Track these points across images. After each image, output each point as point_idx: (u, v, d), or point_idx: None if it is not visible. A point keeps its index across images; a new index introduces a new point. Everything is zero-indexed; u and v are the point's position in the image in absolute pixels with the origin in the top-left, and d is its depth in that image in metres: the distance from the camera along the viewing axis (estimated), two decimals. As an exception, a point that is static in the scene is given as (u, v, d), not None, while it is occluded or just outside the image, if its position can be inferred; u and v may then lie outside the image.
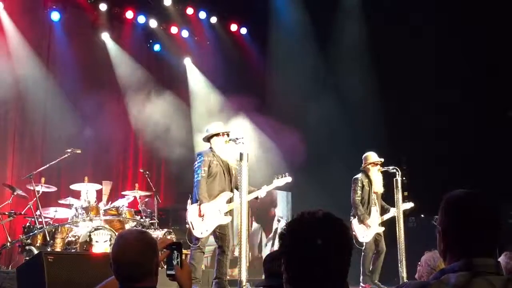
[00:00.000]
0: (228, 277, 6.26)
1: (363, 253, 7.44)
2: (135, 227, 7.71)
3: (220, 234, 6.10)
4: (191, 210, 6.04)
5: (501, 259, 3.42)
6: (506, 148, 9.34)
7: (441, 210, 1.92)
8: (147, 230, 5.53)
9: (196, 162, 6.18)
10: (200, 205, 5.94)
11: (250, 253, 9.16)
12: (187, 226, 6.11)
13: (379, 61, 10.51)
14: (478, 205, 1.87)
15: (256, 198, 6.29)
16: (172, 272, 2.54)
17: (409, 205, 7.55)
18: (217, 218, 6.04)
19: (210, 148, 6.25)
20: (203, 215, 5.94)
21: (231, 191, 6.22)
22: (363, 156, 7.71)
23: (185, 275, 2.56)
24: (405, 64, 10.10)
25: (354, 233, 7.42)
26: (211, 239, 6.35)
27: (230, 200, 6.15)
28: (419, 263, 3.52)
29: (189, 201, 6.19)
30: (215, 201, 6.07)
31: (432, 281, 1.79)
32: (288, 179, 6.39)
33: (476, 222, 1.83)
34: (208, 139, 6.29)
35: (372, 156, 7.62)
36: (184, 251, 2.84)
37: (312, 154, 10.37)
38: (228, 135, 6.21)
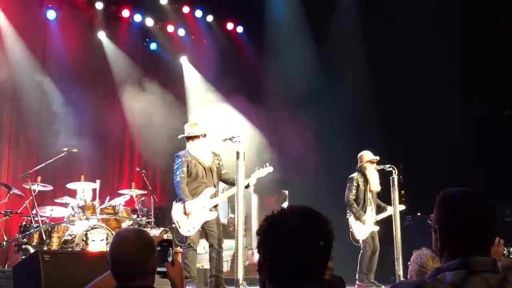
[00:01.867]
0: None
1: (361, 251, 7.45)
2: (131, 226, 7.72)
3: (208, 231, 6.13)
4: (176, 209, 6.10)
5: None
6: (504, 147, 9.35)
7: (437, 208, 1.91)
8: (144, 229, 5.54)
9: (174, 165, 6.25)
10: (184, 203, 5.98)
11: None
12: (173, 225, 6.14)
13: (376, 60, 10.51)
14: (475, 203, 1.86)
15: (247, 186, 6.27)
16: (163, 270, 2.54)
17: (401, 207, 7.54)
18: (202, 215, 6.08)
19: (188, 148, 6.29)
20: (189, 213, 5.97)
21: (214, 186, 6.25)
22: (358, 156, 7.71)
23: (176, 272, 2.55)
24: (403, 63, 10.11)
25: (351, 230, 7.46)
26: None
27: (214, 195, 6.18)
28: (409, 263, 3.54)
29: (174, 202, 6.25)
30: (199, 198, 6.11)
31: (429, 279, 1.80)
32: (270, 169, 6.33)
33: (473, 221, 1.83)
34: (187, 139, 6.33)
35: (367, 155, 7.62)
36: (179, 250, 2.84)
37: (309, 152, 10.37)
38: (205, 136, 6.21)
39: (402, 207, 7.61)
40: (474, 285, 1.72)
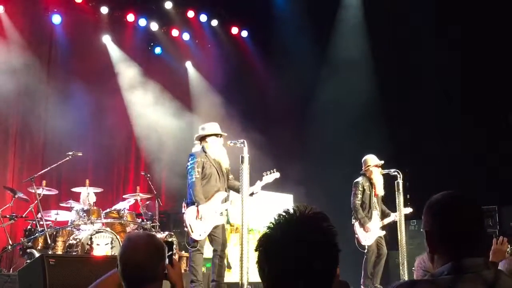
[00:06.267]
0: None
1: (365, 256, 7.41)
2: (137, 230, 7.71)
3: (214, 236, 6.07)
4: (189, 212, 6.00)
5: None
6: (508, 151, 9.29)
7: (425, 213, 1.93)
8: (148, 233, 5.52)
9: (188, 163, 6.14)
10: (197, 206, 5.93)
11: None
12: (185, 229, 6.08)
13: (381, 64, 10.49)
14: (459, 206, 1.87)
15: (251, 194, 6.24)
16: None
17: (408, 210, 7.50)
18: (213, 219, 6.02)
19: (203, 148, 6.24)
20: (201, 217, 5.93)
21: (225, 191, 6.23)
22: (362, 160, 7.68)
23: (176, 273, 2.55)
24: (407, 66, 10.09)
25: (356, 236, 7.42)
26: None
27: (225, 200, 6.15)
28: (413, 268, 3.54)
29: (183, 204, 6.17)
30: (211, 201, 6.06)
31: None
32: (277, 175, 6.31)
33: (460, 224, 1.84)
34: (202, 138, 6.28)
35: (372, 159, 7.59)
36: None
37: (313, 156, 10.36)
38: (221, 136, 6.20)
39: (409, 209, 7.55)
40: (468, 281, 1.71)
